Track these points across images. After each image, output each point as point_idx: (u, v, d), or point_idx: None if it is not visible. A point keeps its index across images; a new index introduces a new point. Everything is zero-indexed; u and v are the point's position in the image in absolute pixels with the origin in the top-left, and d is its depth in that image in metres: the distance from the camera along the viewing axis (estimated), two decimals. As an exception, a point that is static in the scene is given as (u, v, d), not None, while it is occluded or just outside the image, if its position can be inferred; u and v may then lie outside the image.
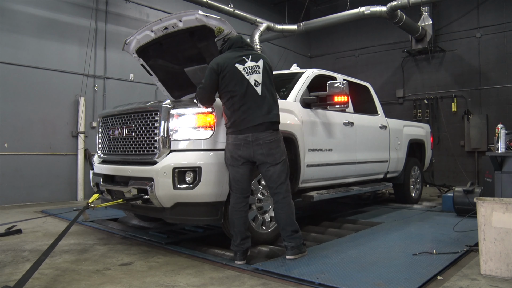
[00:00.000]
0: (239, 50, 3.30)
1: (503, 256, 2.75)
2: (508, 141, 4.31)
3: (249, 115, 3.14)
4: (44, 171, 7.17)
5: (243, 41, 3.36)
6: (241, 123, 3.14)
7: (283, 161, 3.20)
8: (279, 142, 3.22)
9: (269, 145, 3.14)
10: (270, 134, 3.15)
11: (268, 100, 3.19)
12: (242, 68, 3.20)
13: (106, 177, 3.88)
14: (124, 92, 8.31)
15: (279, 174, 3.17)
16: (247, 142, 3.13)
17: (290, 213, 3.21)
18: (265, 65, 3.26)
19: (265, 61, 3.29)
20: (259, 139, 3.12)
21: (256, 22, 9.88)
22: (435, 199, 7.22)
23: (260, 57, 3.30)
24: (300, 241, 3.24)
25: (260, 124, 3.13)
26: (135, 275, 2.88)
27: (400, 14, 9.09)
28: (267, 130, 3.14)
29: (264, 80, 3.22)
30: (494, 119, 9.37)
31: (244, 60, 3.23)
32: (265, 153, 3.13)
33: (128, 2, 8.40)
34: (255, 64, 3.24)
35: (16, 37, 6.87)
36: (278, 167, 3.17)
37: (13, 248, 3.71)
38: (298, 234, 3.23)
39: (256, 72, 3.22)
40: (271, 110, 3.19)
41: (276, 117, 3.22)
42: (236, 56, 3.24)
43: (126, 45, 4.44)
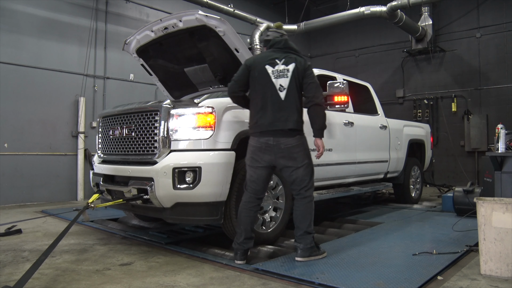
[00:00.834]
0: (277, 51, 3.29)
1: (503, 256, 2.75)
2: (508, 141, 4.31)
3: (269, 119, 3.15)
4: (44, 171, 7.17)
5: (285, 42, 3.32)
6: (262, 125, 3.17)
7: (305, 165, 3.19)
8: (301, 146, 3.20)
9: (290, 149, 3.14)
10: (291, 139, 3.15)
11: (290, 106, 3.16)
12: (271, 71, 3.20)
13: (106, 177, 3.88)
14: (124, 92, 8.31)
15: (302, 178, 3.18)
16: (268, 146, 3.15)
17: (308, 213, 3.21)
18: (294, 70, 3.18)
19: (297, 66, 3.20)
20: (280, 143, 3.13)
21: (256, 22, 9.88)
22: (435, 199, 7.22)
23: (293, 61, 3.22)
24: (310, 243, 3.19)
25: (280, 129, 3.15)
26: (135, 275, 2.88)
27: (400, 14, 9.09)
28: (287, 136, 3.15)
29: (291, 86, 3.18)
30: (494, 119, 9.36)
31: (276, 63, 3.22)
32: (286, 156, 3.14)
33: (128, 2, 8.40)
34: (285, 68, 3.20)
35: (16, 37, 6.88)
36: (301, 171, 3.17)
37: (13, 248, 3.71)
38: (309, 236, 3.20)
39: (284, 76, 3.20)
40: (290, 117, 3.16)
41: (295, 124, 3.17)
42: (270, 57, 3.25)
43: (126, 45, 4.44)
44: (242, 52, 3.92)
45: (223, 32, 3.76)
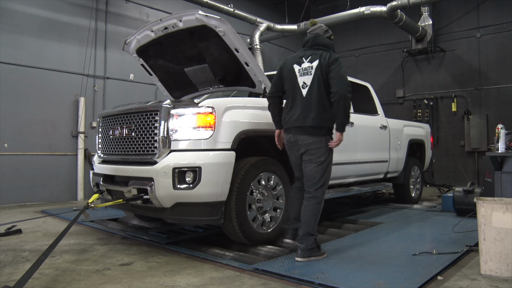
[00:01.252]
0: (307, 49, 3.40)
1: (503, 256, 2.75)
2: (508, 141, 4.31)
3: (291, 116, 3.30)
4: (44, 171, 7.17)
5: (313, 39, 3.39)
6: (286, 122, 3.36)
7: (319, 163, 3.24)
8: (319, 144, 3.24)
9: (308, 145, 3.26)
10: (309, 137, 3.24)
11: (311, 103, 3.21)
12: (298, 70, 3.33)
13: (106, 177, 3.88)
14: (124, 92, 8.31)
15: (313, 173, 3.25)
16: (290, 143, 3.38)
17: (312, 214, 3.23)
18: (317, 67, 3.23)
19: (320, 62, 3.23)
20: (298, 140, 3.28)
21: (256, 22, 9.88)
22: (435, 199, 7.22)
23: (317, 58, 3.26)
24: (312, 244, 3.20)
25: (298, 127, 3.26)
26: (135, 275, 2.88)
27: (400, 14, 9.09)
28: (305, 133, 3.23)
29: (313, 83, 3.22)
30: (494, 119, 9.36)
31: (302, 61, 3.33)
32: (303, 151, 3.30)
33: (128, 2, 8.40)
34: (309, 66, 3.28)
35: (16, 37, 6.88)
36: (313, 166, 3.25)
37: (13, 248, 3.71)
38: (311, 238, 3.20)
39: (308, 74, 3.27)
40: (310, 114, 3.20)
41: (315, 121, 3.19)
42: (299, 56, 3.38)
43: (126, 45, 4.44)
44: (242, 52, 3.92)
45: (223, 32, 3.76)
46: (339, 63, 3.24)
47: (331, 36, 3.50)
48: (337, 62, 3.23)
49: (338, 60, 3.26)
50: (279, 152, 4.14)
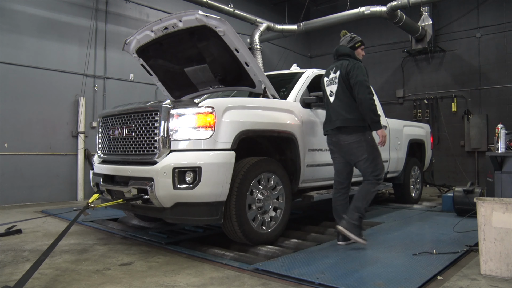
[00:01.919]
0: (335, 61, 3.81)
1: (503, 256, 2.75)
2: (508, 141, 4.31)
3: (327, 121, 3.77)
4: (44, 171, 7.17)
5: (337, 52, 3.82)
6: (324, 127, 3.83)
7: (364, 159, 3.56)
8: (360, 143, 3.55)
9: (349, 145, 3.59)
10: (348, 137, 3.58)
11: (339, 108, 3.60)
12: (326, 80, 3.79)
13: (106, 177, 3.88)
14: (124, 92, 8.31)
15: (364, 169, 3.62)
16: (332, 145, 3.76)
17: (364, 193, 3.59)
18: (339, 77, 3.62)
19: (341, 72, 3.61)
20: (340, 140, 3.64)
21: (256, 22, 9.88)
22: (435, 199, 7.22)
23: (339, 68, 3.64)
24: (356, 220, 3.48)
25: (332, 129, 3.67)
26: (135, 275, 2.88)
27: (400, 14, 9.09)
28: (342, 134, 3.60)
29: (338, 91, 3.63)
30: (494, 119, 9.36)
31: (329, 73, 3.77)
32: (347, 152, 3.63)
33: (128, 2, 8.40)
34: (334, 76, 3.69)
35: (16, 37, 6.88)
36: (361, 164, 3.60)
37: (13, 248, 3.71)
38: (357, 214, 3.51)
39: (333, 83, 3.69)
40: (338, 117, 3.60)
41: (342, 122, 3.56)
42: (328, 69, 3.82)
43: (126, 45, 4.44)
44: (242, 52, 3.92)
45: (223, 32, 3.77)
46: (356, 68, 3.55)
47: (356, 44, 3.82)
48: (354, 69, 3.55)
49: (356, 66, 3.57)
50: (279, 152, 4.15)
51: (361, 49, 3.86)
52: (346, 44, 3.82)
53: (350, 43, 3.83)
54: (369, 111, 3.46)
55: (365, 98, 3.45)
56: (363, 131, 3.58)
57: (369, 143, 3.58)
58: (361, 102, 3.46)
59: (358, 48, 3.82)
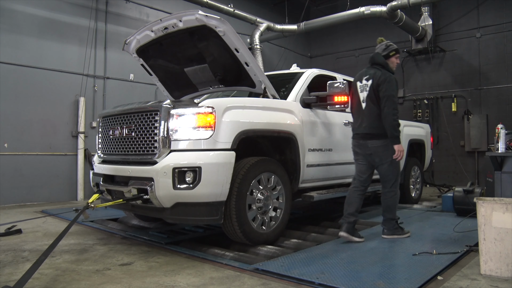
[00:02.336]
0: (368, 67, 3.95)
1: (503, 256, 2.75)
2: (508, 141, 4.31)
3: (356, 125, 3.96)
4: (44, 171, 7.17)
5: (371, 59, 3.96)
6: (353, 130, 4.02)
7: (388, 162, 3.81)
8: (387, 147, 3.79)
9: (376, 148, 3.82)
10: (376, 141, 3.80)
11: (370, 115, 3.81)
12: (359, 86, 3.94)
13: (106, 177, 3.88)
14: (124, 92, 8.31)
15: (385, 172, 3.87)
16: (358, 146, 3.96)
17: (390, 203, 3.89)
18: (371, 86, 3.80)
19: (374, 81, 3.79)
20: (367, 143, 3.85)
21: (256, 22, 9.88)
22: (435, 199, 7.22)
23: (372, 77, 3.82)
24: (393, 226, 3.89)
25: (359, 133, 3.89)
26: (135, 275, 2.88)
27: (400, 14, 9.09)
28: (369, 138, 3.82)
29: (369, 98, 3.82)
30: (494, 119, 9.36)
31: (362, 79, 3.93)
32: (373, 154, 3.84)
33: (128, 2, 8.40)
34: (366, 84, 3.87)
35: (16, 37, 6.88)
36: (384, 167, 3.84)
37: (13, 248, 3.71)
38: (392, 221, 3.90)
39: (365, 90, 3.86)
40: (367, 123, 3.82)
41: (369, 129, 3.81)
42: (361, 74, 3.97)
43: (126, 45, 4.44)
44: (242, 52, 3.92)
45: (223, 32, 3.77)
46: (388, 82, 3.73)
47: (391, 52, 3.92)
48: (385, 82, 3.73)
49: (387, 79, 3.74)
50: (279, 152, 4.15)
51: (395, 58, 3.97)
52: (381, 52, 3.94)
53: (384, 52, 3.93)
54: (390, 126, 3.71)
55: (389, 113, 3.69)
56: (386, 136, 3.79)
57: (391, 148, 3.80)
58: (385, 116, 3.70)
59: (392, 56, 3.94)
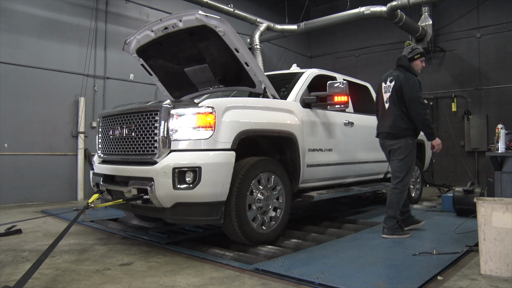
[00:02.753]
0: (394, 69, 4.14)
1: (503, 256, 2.75)
2: (508, 141, 4.31)
3: (379, 124, 4.19)
4: (44, 171, 7.17)
5: (397, 61, 4.14)
6: (377, 129, 4.23)
7: (399, 160, 3.96)
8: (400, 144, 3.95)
9: (391, 146, 4.03)
10: (392, 141, 4.00)
11: (391, 115, 3.99)
12: (384, 87, 4.12)
13: (106, 177, 3.88)
14: (124, 92, 8.31)
15: (395, 168, 4.02)
16: (382, 146, 4.22)
17: (394, 200, 3.96)
18: (393, 87, 3.98)
19: (396, 82, 3.96)
20: (385, 142, 4.10)
21: (256, 22, 9.88)
22: (435, 199, 7.22)
23: (395, 79, 3.99)
24: (394, 225, 3.92)
25: (382, 132, 4.11)
26: (135, 275, 2.88)
27: (400, 14, 9.09)
28: (389, 138, 4.03)
29: (391, 99, 4.00)
30: (494, 119, 9.36)
31: (387, 80, 4.10)
32: (388, 151, 4.11)
33: (128, 2, 8.40)
34: (389, 85, 4.04)
35: (16, 37, 6.88)
36: (395, 163, 4.02)
37: (13, 248, 3.71)
38: (393, 220, 3.93)
39: (388, 91, 4.05)
40: (388, 123, 4.01)
41: (391, 129, 3.99)
42: (387, 75, 4.13)
43: (126, 45, 4.44)
44: (242, 52, 3.92)
45: (223, 32, 3.77)
46: (410, 84, 3.89)
47: (416, 55, 4.08)
48: (407, 84, 3.89)
49: (410, 81, 3.90)
50: (279, 152, 4.15)
51: (420, 61, 4.12)
52: (407, 54, 4.10)
53: (410, 54, 4.09)
54: (423, 125, 3.89)
55: (419, 114, 3.84)
56: (405, 137, 3.96)
57: (408, 146, 3.96)
58: (416, 117, 3.86)
59: (417, 59, 4.10)
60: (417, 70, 4.12)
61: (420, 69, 4.16)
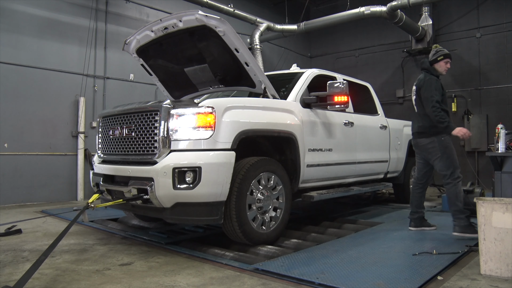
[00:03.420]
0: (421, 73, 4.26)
1: (503, 256, 2.75)
2: (508, 141, 4.31)
3: (412, 125, 4.38)
4: (44, 171, 7.17)
5: (420, 64, 4.32)
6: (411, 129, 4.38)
7: (439, 158, 4.02)
8: (433, 143, 4.04)
9: (425, 146, 4.14)
10: (424, 139, 4.13)
11: (418, 116, 4.19)
12: (413, 90, 4.30)
13: (106, 177, 3.88)
14: (124, 92, 8.31)
15: (440, 168, 4.06)
16: (414, 145, 4.35)
17: (453, 196, 3.96)
18: (416, 89, 4.18)
19: (417, 86, 4.17)
20: (418, 142, 4.23)
21: (256, 22, 9.88)
22: (435, 199, 7.22)
23: (418, 82, 4.18)
24: (464, 222, 3.87)
25: (414, 132, 4.28)
26: (135, 275, 2.88)
27: (400, 14, 9.09)
28: (420, 137, 4.17)
29: (417, 101, 4.19)
30: (494, 119, 9.36)
31: (415, 83, 4.26)
32: (424, 151, 4.17)
33: (128, 2, 8.40)
34: (414, 88, 4.24)
35: (16, 37, 6.88)
36: (437, 162, 4.07)
37: (13, 248, 3.71)
38: (461, 215, 3.89)
39: (413, 94, 4.25)
40: (416, 124, 4.22)
41: (419, 128, 4.17)
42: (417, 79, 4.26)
43: (126, 45, 4.44)
44: (242, 52, 3.92)
45: (223, 32, 3.77)
46: (427, 85, 4.04)
47: (439, 57, 4.16)
48: (425, 86, 4.05)
49: (427, 82, 4.05)
50: (279, 152, 4.15)
51: (444, 62, 4.17)
52: (431, 57, 4.21)
53: (433, 57, 4.19)
54: (436, 122, 3.95)
55: (429, 112, 3.97)
56: (436, 134, 4.03)
57: (442, 143, 4.02)
58: (429, 115, 3.99)
59: (440, 61, 4.16)
60: (441, 71, 4.20)
61: (445, 71, 4.23)
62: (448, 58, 4.20)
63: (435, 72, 4.18)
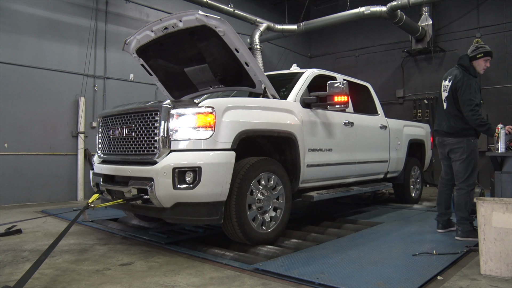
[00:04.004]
0: (454, 68, 4.05)
1: (503, 256, 2.75)
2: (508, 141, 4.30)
3: (436, 123, 4.18)
4: (44, 171, 7.17)
5: (458, 59, 4.04)
6: (435, 127, 4.23)
7: (462, 160, 3.91)
8: (461, 143, 3.92)
9: (451, 145, 3.99)
10: (452, 139, 3.97)
11: (449, 114, 3.99)
12: (443, 85, 4.09)
13: (106, 177, 3.88)
14: (124, 92, 8.31)
15: (458, 169, 3.95)
16: (439, 143, 4.16)
17: (462, 202, 3.89)
18: (451, 86, 3.95)
19: (453, 81, 3.93)
20: (444, 141, 4.06)
21: (256, 22, 9.88)
22: (435, 199, 7.21)
23: (452, 79, 3.95)
24: (468, 227, 3.81)
25: (440, 130, 4.09)
26: (135, 275, 2.88)
27: (400, 14, 9.09)
28: (447, 136, 4.01)
29: (449, 98, 3.98)
30: (494, 119, 9.35)
31: (446, 78, 4.06)
32: (448, 150, 4.04)
33: (128, 2, 8.41)
34: (447, 84, 4.02)
35: (16, 37, 6.88)
36: (458, 164, 3.95)
37: (13, 248, 3.71)
38: (466, 222, 3.83)
39: (445, 90, 4.03)
40: (446, 123, 4.00)
41: (449, 128, 3.98)
42: (447, 73, 4.09)
43: (126, 45, 4.44)
44: (242, 52, 3.92)
45: (223, 32, 3.77)
46: (464, 86, 3.83)
47: (478, 54, 3.92)
48: (463, 87, 3.84)
49: (464, 83, 3.84)
50: (279, 152, 4.15)
51: (483, 60, 3.93)
52: (470, 53, 3.97)
53: (472, 53, 3.95)
54: (476, 126, 3.84)
55: (468, 116, 3.81)
56: (466, 136, 3.92)
57: (470, 146, 3.92)
58: (469, 119, 3.83)
59: (479, 58, 3.93)
60: (479, 70, 3.96)
61: (483, 69, 3.98)
62: (488, 56, 3.94)
63: (472, 70, 3.93)
